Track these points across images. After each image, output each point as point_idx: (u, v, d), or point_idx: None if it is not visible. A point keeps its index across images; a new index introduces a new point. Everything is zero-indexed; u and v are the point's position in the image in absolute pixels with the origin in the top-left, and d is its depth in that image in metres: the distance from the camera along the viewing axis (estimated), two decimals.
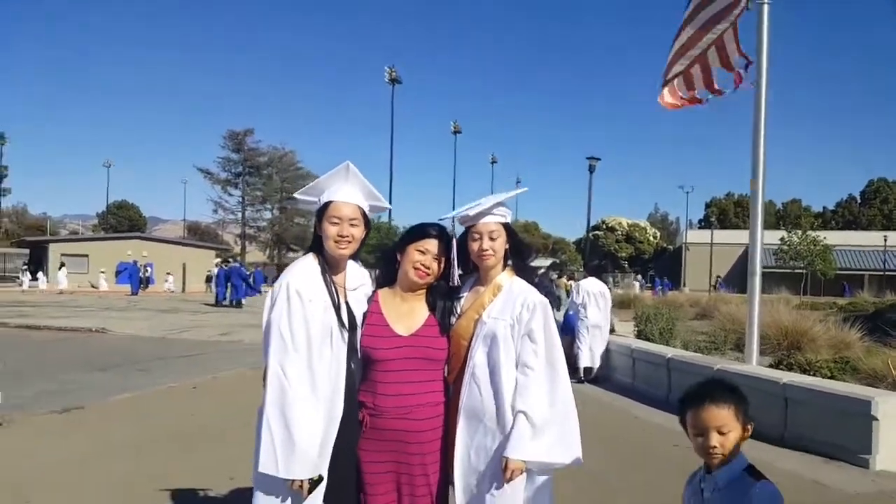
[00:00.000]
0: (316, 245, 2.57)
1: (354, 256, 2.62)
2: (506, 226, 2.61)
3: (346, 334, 2.48)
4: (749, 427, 1.93)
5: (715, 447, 1.88)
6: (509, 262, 2.65)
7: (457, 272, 2.58)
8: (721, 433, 1.88)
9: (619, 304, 18.29)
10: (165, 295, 32.82)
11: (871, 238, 60.46)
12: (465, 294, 2.66)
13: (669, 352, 8.85)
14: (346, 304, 2.53)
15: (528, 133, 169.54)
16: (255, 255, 54.20)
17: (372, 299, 2.62)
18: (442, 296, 2.62)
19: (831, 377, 7.36)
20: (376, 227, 55.72)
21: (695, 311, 20.23)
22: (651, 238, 74.72)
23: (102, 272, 35.88)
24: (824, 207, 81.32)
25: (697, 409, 1.91)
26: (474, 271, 2.68)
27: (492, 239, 2.56)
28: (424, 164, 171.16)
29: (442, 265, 2.57)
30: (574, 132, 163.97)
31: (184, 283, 35.66)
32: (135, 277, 32.06)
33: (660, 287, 43.78)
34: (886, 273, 54.13)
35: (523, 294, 2.55)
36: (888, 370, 7.72)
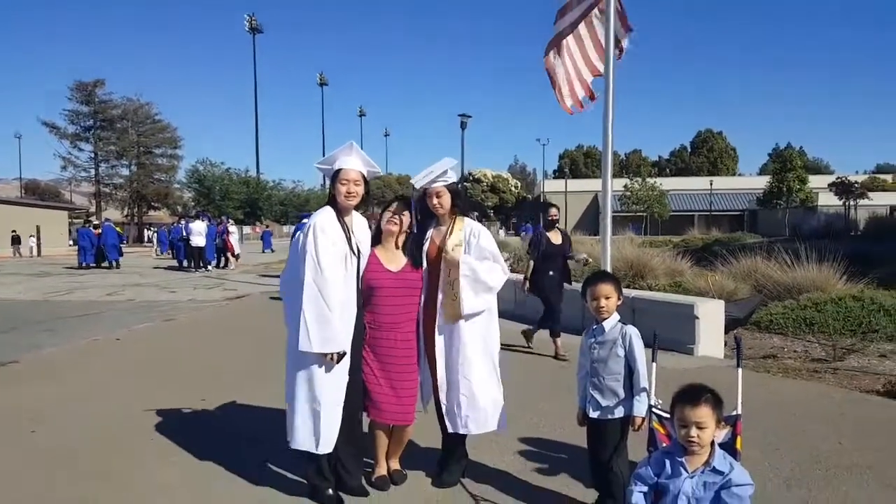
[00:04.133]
0: (331, 199, 3.61)
1: (356, 207, 3.68)
2: (449, 186, 3.74)
3: (354, 259, 3.56)
4: (621, 297, 3.29)
5: (603, 307, 3.22)
6: (456, 208, 3.81)
7: (415, 221, 3.74)
8: (607, 298, 3.22)
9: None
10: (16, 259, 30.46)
11: (699, 183, 68.49)
12: (431, 232, 3.82)
13: None
14: (354, 238, 3.59)
15: (395, 87, 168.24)
16: (111, 213, 50.44)
17: (370, 251, 3.69)
18: (414, 240, 3.76)
19: None
20: (245, 182, 53.08)
21: None
22: (513, 188, 78.99)
23: None
24: (659, 156, 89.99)
25: (594, 285, 3.24)
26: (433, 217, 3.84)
27: (438, 197, 3.71)
28: (291, 116, 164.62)
29: (406, 220, 3.70)
30: (439, 86, 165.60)
31: (39, 247, 33.13)
32: None
33: (523, 231, 47.02)
34: (712, 213, 61.79)
35: (470, 225, 3.78)
36: (708, 286, 9.96)
